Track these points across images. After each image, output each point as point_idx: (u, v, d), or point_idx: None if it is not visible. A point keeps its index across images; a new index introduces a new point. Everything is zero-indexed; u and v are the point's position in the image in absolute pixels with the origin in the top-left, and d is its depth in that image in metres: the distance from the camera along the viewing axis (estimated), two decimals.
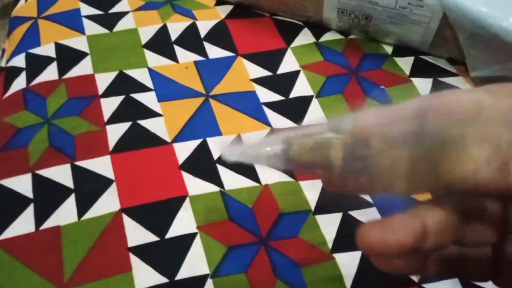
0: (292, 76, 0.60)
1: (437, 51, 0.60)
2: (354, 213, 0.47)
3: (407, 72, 0.60)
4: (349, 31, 0.64)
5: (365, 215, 0.47)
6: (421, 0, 0.54)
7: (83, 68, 0.59)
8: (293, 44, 0.63)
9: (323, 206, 0.47)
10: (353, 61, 0.61)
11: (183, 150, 0.52)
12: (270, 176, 0.50)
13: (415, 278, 0.43)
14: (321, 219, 0.47)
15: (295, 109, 0.56)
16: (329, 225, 0.46)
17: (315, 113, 0.56)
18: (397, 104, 0.23)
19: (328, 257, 0.44)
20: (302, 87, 0.58)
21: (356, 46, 0.63)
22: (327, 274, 0.43)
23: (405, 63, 0.61)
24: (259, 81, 0.59)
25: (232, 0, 0.68)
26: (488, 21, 0.51)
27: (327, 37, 0.64)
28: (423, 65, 0.61)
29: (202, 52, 0.62)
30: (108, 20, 0.66)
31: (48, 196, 0.47)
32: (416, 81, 0.59)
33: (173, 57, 0.62)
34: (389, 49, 0.63)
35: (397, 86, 0.58)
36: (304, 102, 0.57)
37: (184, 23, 0.66)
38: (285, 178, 0.49)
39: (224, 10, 0.68)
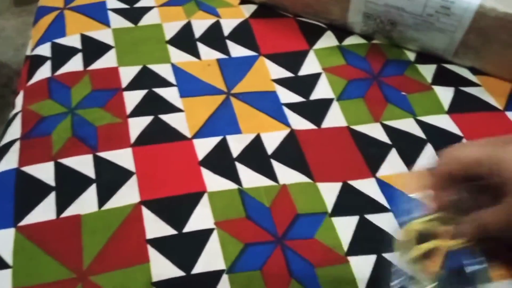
0: (313, 78, 0.60)
1: (460, 60, 0.60)
2: (370, 217, 0.47)
3: (429, 79, 0.60)
4: (372, 36, 0.64)
5: (381, 219, 0.47)
6: (449, 8, 0.54)
7: (108, 60, 0.60)
8: (316, 46, 0.64)
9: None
10: (375, 66, 0.61)
11: (203, 146, 0.52)
12: (288, 176, 0.50)
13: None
14: (338, 221, 0.47)
15: (315, 111, 0.56)
16: (345, 227, 0.46)
17: (335, 116, 0.56)
18: None
19: (343, 259, 0.44)
20: (323, 90, 0.59)
21: (379, 51, 0.63)
22: (341, 276, 0.44)
23: (427, 71, 0.61)
24: (280, 81, 0.59)
25: None
26: None
27: (350, 40, 0.64)
28: (445, 74, 0.61)
29: (225, 50, 0.63)
30: (133, 14, 0.66)
31: (69, 185, 0.48)
32: (438, 89, 0.59)
33: (196, 54, 0.62)
34: (412, 56, 0.62)
35: (419, 93, 0.58)
36: (324, 105, 0.57)
37: (208, 20, 0.66)
38: (303, 178, 0.50)
39: (248, 9, 0.68)
